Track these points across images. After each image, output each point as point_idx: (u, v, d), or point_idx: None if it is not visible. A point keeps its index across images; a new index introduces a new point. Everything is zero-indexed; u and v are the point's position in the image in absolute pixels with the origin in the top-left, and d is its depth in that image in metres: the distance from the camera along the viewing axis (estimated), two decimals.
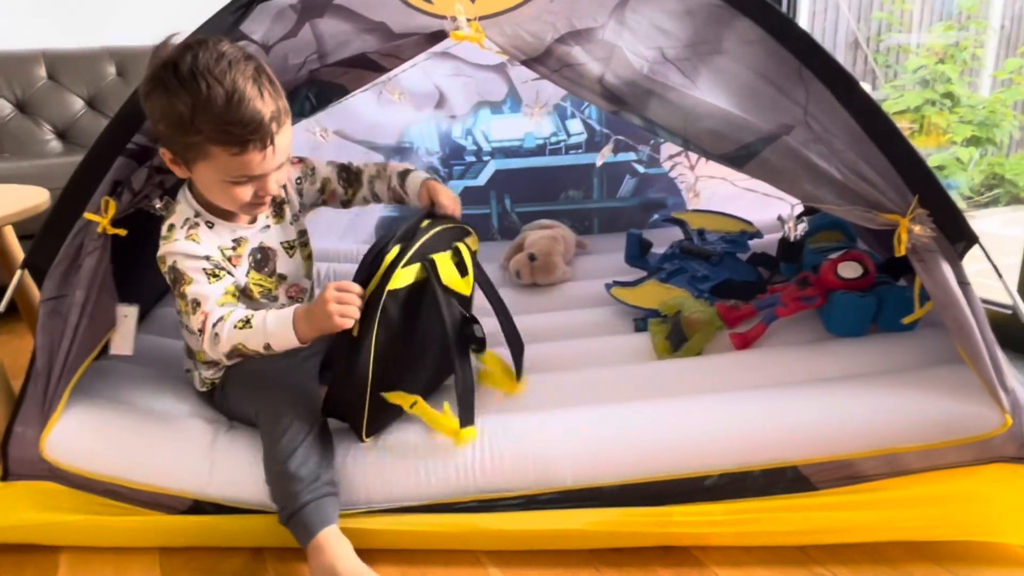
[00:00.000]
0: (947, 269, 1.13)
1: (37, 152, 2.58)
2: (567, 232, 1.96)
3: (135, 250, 1.15)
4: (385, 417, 1.20)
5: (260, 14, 1.12)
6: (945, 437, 1.13)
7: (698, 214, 1.89)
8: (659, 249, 1.78)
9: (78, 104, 2.69)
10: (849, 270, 1.37)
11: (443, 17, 1.12)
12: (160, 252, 1.14)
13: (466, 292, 1.27)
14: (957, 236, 1.15)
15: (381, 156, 2.10)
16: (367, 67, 1.13)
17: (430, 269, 1.17)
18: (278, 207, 1.29)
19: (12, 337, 1.99)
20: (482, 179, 2.16)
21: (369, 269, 1.12)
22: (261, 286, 1.25)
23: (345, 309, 1.05)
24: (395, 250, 1.12)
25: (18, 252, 1.57)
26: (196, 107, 1.00)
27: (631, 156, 2.13)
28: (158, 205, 1.15)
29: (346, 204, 1.38)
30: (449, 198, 1.28)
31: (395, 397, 1.17)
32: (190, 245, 1.13)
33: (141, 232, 1.16)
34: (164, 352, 1.47)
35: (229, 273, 1.17)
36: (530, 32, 1.12)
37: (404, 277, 1.13)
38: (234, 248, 1.20)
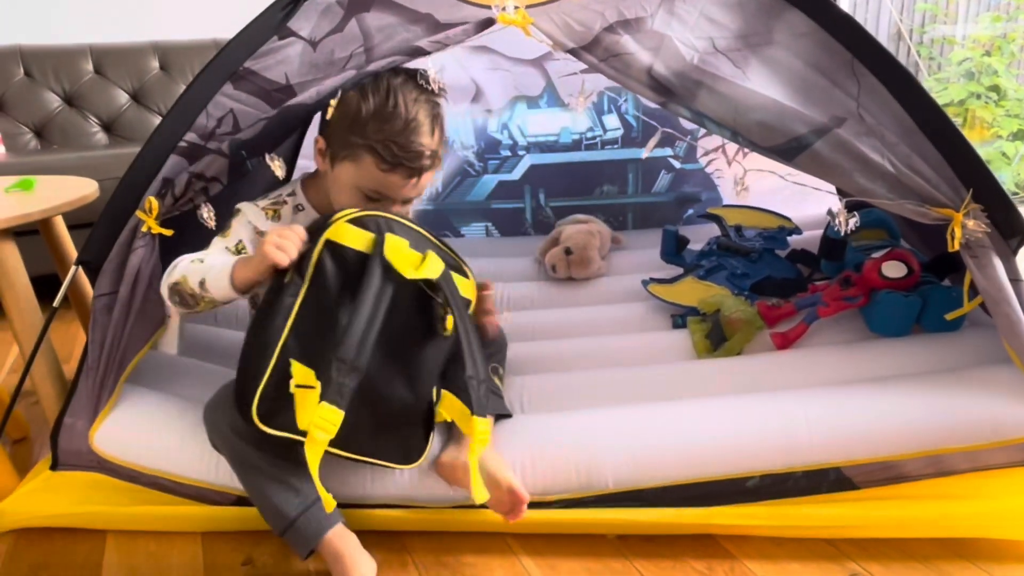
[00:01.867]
0: (999, 265, 1.11)
1: (84, 144, 2.63)
2: (603, 227, 1.95)
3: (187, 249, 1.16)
4: (282, 400, 0.97)
5: (307, 10, 1.12)
6: (992, 438, 1.12)
7: (734, 210, 1.87)
8: (695, 246, 1.77)
9: (123, 98, 2.74)
10: (894, 269, 1.35)
11: (489, 7, 1.11)
12: (242, 205, 1.19)
13: (407, 273, 1.02)
14: (1011, 232, 1.12)
15: None
16: (413, 54, 1.13)
17: (378, 241, 1.01)
18: None
19: (60, 323, 2.01)
20: (516, 174, 2.15)
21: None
22: None
23: (282, 243, 0.98)
24: (352, 212, 1.03)
25: (68, 242, 1.59)
26: (375, 115, 1.08)
27: (667, 152, 2.12)
28: (205, 215, 1.15)
29: None
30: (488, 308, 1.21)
31: (302, 373, 0.97)
32: (260, 216, 1.18)
33: (193, 232, 1.17)
34: (227, 345, 1.48)
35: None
36: (578, 20, 1.11)
37: (351, 235, 1.01)
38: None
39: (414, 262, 1.03)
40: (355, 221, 1.02)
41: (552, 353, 1.49)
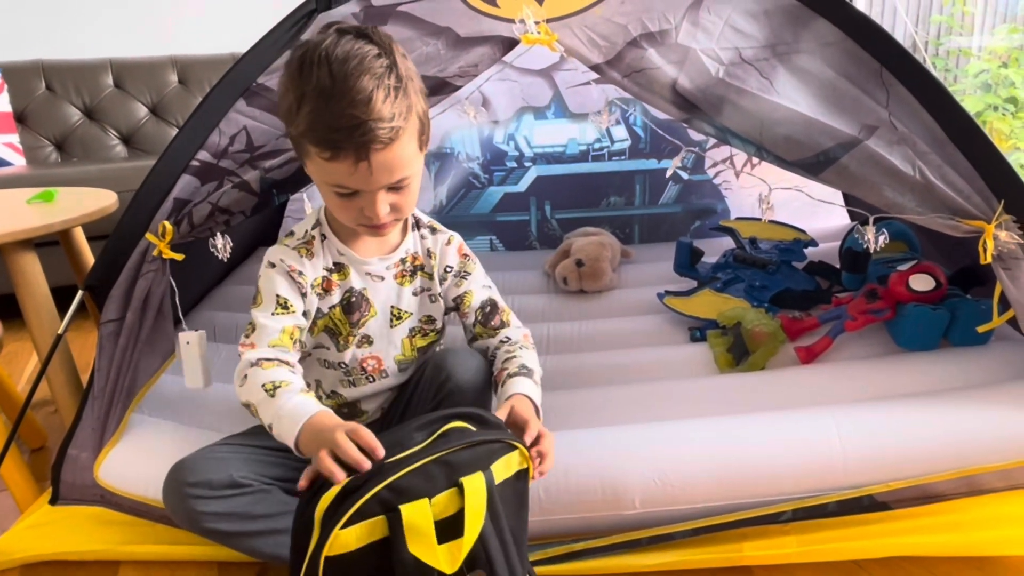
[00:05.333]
0: None
1: (103, 157, 2.69)
2: (613, 240, 1.92)
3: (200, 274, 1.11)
4: None
5: (320, 24, 1.08)
6: None
7: (748, 222, 1.85)
8: (707, 259, 1.74)
9: (142, 111, 2.80)
10: (921, 283, 1.33)
11: (510, 20, 1.08)
12: (268, 251, 1.04)
13: (445, 569, 0.81)
14: None
15: None
16: (442, 91, 1.08)
17: (394, 526, 0.79)
18: (415, 269, 1.09)
19: (80, 333, 2.01)
20: (522, 185, 2.12)
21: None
22: (335, 325, 1.07)
23: (332, 463, 0.80)
24: (337, 487, 0.79)
25: (88, 253, 1.61)
26: (302, 98, 0.88)
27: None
28: (219, 244, 1.10)
29: (470, 339, 1.15)
30: (545, 449, 0.94)
31: None
32: (294, 256, 1.02)
33: (201, 257, 1.13)
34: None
35: (304, 312, 1.03)
36: (601, 35, 1.08)
37: (355, 537, 0.79)
38: (334, 272, 1.05)
39: (450, 549, 0.81)
40: (353, 517, 0.78)
41: (568, 368, 1.45)
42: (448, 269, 1.11)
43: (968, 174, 1.09)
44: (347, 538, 0.78)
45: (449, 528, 0.81)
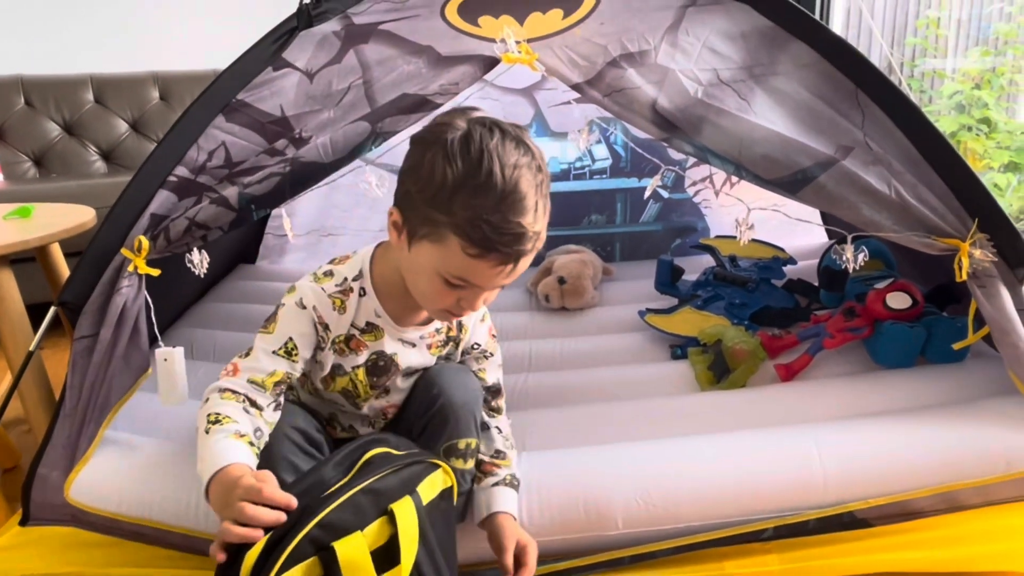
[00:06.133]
0: (1007, 295, 1.11)
1: (82, 173, 2.66)
2: (594, 257, 1.93)
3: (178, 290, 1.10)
4: None
5: (303, 41, 1.09)
6: (1003, 471, 1.11)
7: (728, 240, 1.86)
8: (687, 276, 1.76)
9: (123, 127, 2.77)
10: (898, 300, 1.35)
11: (491, 40, 1.09)
12: (299, 283, 0.99)
13: None
14: (1018, 261, 1.12)
15: None
16: (423, 108, 1.08)
17: (329, 564, 0.77)
18: (447, 340, 1.08)
19: (56, 351, 1.98)
20: None
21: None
22: (353, 386, 1.04)
23: (240, 530, 0.75)
24: (259, 544, 0.75)
25: (65, 269, 1.59)
26: (463, 185, 0.83)
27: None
28: (196, 259, 1.09)
29: None
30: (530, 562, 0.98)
31: None
32: (327, 305, 0.97)
33: (178, 273, 1.12)
34: None
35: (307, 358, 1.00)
36: (581, 55, 1.09)
37: None
38: (365, 332, 1.01)
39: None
40: (286, 564, 0.75)
41: (550, 385, 1.45)
42: (476, 346, 1.11)
43: (943, 193, 1.11)
44: None
45: (384, 557, 0.80)
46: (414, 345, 1.04)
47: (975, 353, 1.36)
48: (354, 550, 0.78)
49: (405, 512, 0.82)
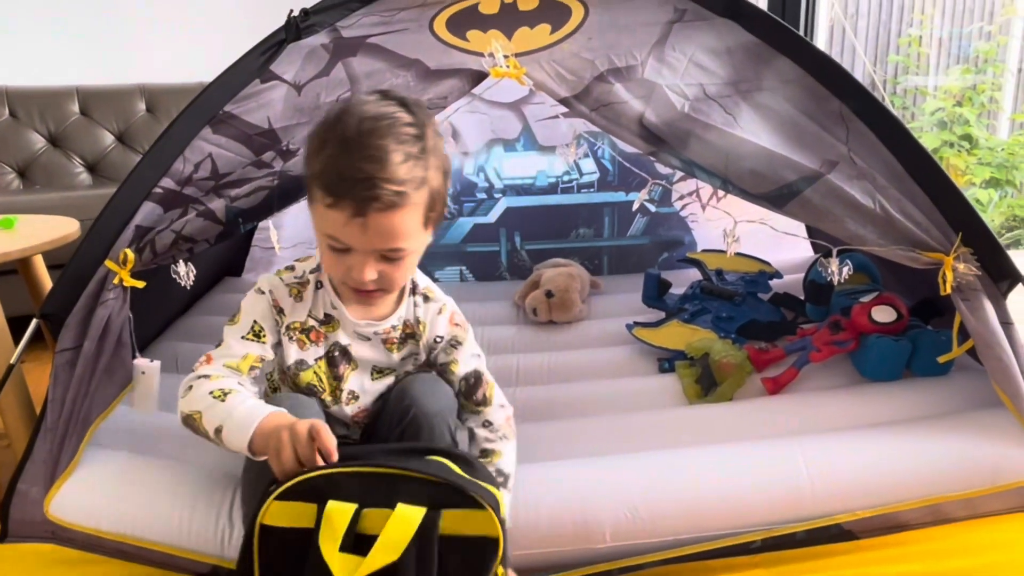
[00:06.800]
0: (990, 308, 1.12)
1: (67, 184, 2.63)
2: (582, 271, 1.93)
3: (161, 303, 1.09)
4: None
5: (290, 54, 1.09)
6: (989, 484, 1.12)
7: (714, 254, 1.87)
8: (674, 290, 1.76)
9: (108, 139, 2.75)
10: (883, 314, 1.36)
11: (479, 54, 1.09)
12: (263, 277, 1.04)
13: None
14: (1000, 275, 1.14)
15: None
16: None
17: (319, 516, 0.80)
18: (405, 337, 1.07)
19: (38, 364, 1.94)
20: (492, 216, 2.13)
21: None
22: (319, 379, 1.05)
23: (292, 461, 0.83)
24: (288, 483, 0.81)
25: (48, 282, 1.58)
26: (325, 142, 0.88)
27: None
28: (182, 271, 1.08)
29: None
30: None
31: None
32: (284, 293, 1.01)
33: (163, 285, 1.11)
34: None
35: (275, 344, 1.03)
36: (569, 69, 1.10)
37: (286, 515, 0.81)
38: (323, 324, 1.04)
39: (347, 561, 0.78)
40: (288, 492, 0.81)
41: (538, 399, 1.44)
42: (438, 340, 1.08)
43: (926, 208, 1.12)
44: (277, 511, 0.81)
45: (364, 544, 0.79)
46: (369, 339, 1.05)
47: (960, 366, 1.37)
48: (338, 515, 0.79)
49: (406, 517, 0.79)
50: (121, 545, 1.10)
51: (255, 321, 1.00)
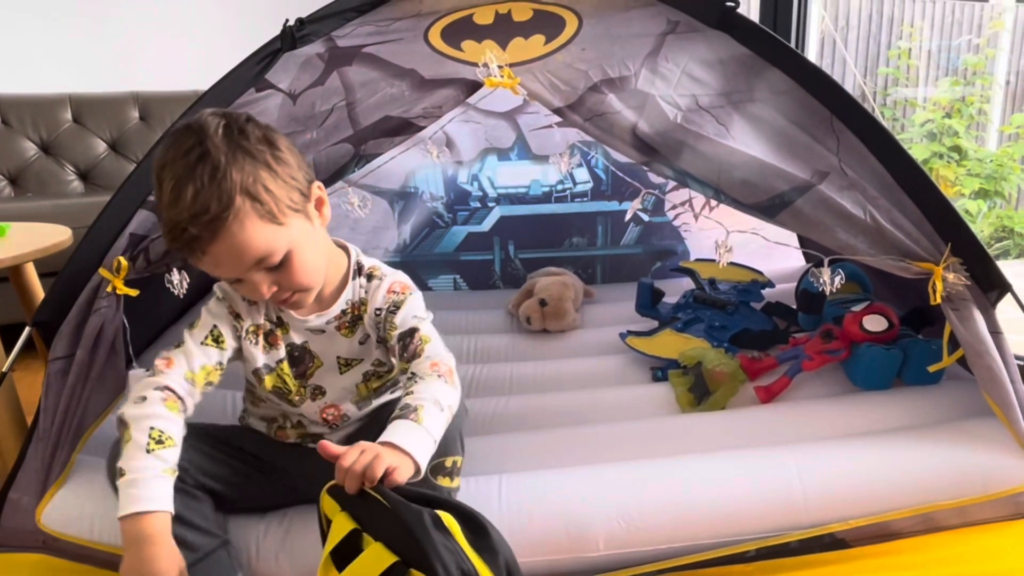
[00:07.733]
0: (980, 318, 1.13)
1: (59, 192, 2.63)
2: (576, 280, 1.94)
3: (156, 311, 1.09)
4: None
5: (286, 63, 1.09)
6: (981, 492, 1.12)
7: (707, 264, 1.88)
8: (668, 299, 1.77)
9: (101, 147, 2.75)
10: (875, 323, 1.36)
11: (474, 64, 1.10)
12: (218, 284, 1.03)
13: None
14: (990, 285, 1.14)
15: (385, 200, 2.07)
16: (406, 131, 1.09)
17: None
18: (355, 319, 1.06)
19: (28, 373, 1.93)
20: (486, 225, 2.14)
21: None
22: (283, 382, 1.07)
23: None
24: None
25: (39, 289, 1.57)
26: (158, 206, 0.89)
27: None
28: (176, 280, 1.08)
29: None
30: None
31: None
32: (236, 298, 1.02)
33: (157, 293, 1.11)
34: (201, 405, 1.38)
35: (240, 352, 1.04)
36: (563, 80, 1.11)
37: (327, 504, 0.87)
38: (277, 327, 1.05)
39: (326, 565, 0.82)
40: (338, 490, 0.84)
41: (531, 408, 1.44)
42: (378, 312, 1.04)
43: (916, 218, 1.13)
44: (327, 502, 0.85)
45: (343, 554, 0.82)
46: (323, 331, 1.05)
47: (950, 375, 1.38)
48: (339, 526, 0.82)
49: (374, 556, 0.79)
50: (112, 556, 1.09)
51: (215, 325, 1.01)
